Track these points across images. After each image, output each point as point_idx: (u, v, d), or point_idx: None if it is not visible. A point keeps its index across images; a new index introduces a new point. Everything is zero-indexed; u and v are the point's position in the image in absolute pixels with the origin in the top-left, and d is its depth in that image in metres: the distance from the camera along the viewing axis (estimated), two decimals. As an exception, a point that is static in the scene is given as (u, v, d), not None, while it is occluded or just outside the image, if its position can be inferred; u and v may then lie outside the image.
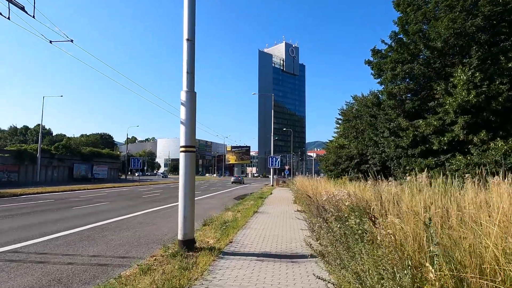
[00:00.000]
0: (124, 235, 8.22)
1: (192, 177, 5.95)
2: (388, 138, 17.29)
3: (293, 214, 11.75)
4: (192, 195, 5.92)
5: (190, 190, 5.87)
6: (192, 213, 5.88)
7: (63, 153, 45.36)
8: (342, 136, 26.30)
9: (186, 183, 5.83)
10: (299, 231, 8.02)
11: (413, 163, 16.30)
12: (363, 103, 23.35)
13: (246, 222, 9.55)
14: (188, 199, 5.82)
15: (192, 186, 5.92)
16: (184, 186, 5.83)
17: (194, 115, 6.03)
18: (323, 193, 9.51)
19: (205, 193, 26.22)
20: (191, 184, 5.90)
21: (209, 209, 14.50)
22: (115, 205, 15.80)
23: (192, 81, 6.05)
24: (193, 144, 5.99)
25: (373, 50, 20.15)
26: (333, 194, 8.27)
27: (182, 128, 5.95)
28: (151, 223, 10.39)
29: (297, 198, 16.45)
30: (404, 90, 16.34)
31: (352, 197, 6.98)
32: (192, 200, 5.89)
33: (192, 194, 5.91)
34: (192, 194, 5.92)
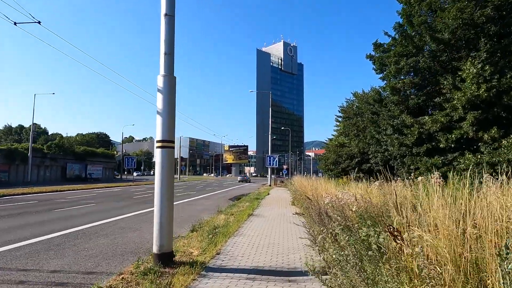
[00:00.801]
0: (100, 243, 7.26)
1: (170, 177, 4.99)
2: (392, 136, 16.38)
3: (291, 217, 10.81)
4: (170, 199, 4.96)
5: (168, 192, 4.91)
6: (170, 220, 4.92)
7: (55, 152, 44.24)
8: (342, 134, 25.38)
9: (163, 184, 4.88)
10: (297, 240, 7.07)
11: (418, 162, 15.40)
12: (364, 100, 22.43)
13: (239, 227, 8.60)
14: (165, 203, 4.86)
15: (170, 188, 4.96)
16: (160, 188, 4.87)
17: (173, 103, 5.08)
18: (324, 195, 8.58)
19: (200, 193, 25.26)
20: (169, 186, 4.94)
21: (202, 211, 13.56)
22: (101, 206, 14.81)
23: (171, 63, 5.10)
24: (171, 138, 5.04)
25: (375, 44, 19.23)
26: (336, 197, 7.34)
27: (158, 119, 5.00)
28: (134, 228, 9.42)
29: (295, 199, 15.52)
30: (408, 84, 15.42)
31: (359, 201, 6.05)
32: (170, 204, 4.93)
33: (170, 197, 4.95)
34: (170, 197, 4.96)
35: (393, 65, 16.04)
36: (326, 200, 7.21)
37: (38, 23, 8.57)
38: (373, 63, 19.57)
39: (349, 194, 7.11)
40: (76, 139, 79.28)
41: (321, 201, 9.17)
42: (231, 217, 10.50)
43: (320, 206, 6.94)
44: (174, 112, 5.12)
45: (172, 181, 5.05)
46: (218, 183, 46.20)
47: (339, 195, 7.46)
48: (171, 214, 4.95)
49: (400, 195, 6.07)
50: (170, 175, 4.98)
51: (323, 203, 7.31)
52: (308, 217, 8.01)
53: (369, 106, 21.17)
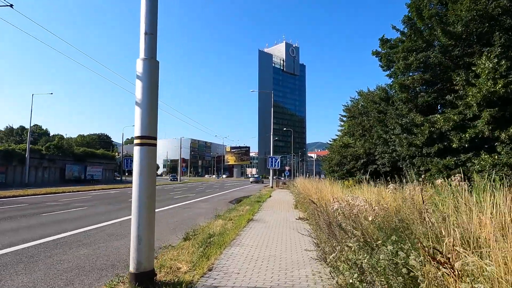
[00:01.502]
0: (79, 254, 6.44)
1: (151, 181, 4.17)
2: (400, 136, 15.50)
3: (295, 223, 9.97)
4: (151, 207, 4.14)
5: (148, 199, 4.09)
6: (150, 234, 4.09)
7: (54, 153, 43.60)
8: (347, 134, 24.47)
9: (141, 190, 4.06)
10: (303, 252, 6.22)
11: (428, 163, 14.53)
12: (369, 99, 21.55)
13: (237, 235, 7.77)
14: (144, 213, 4.04)
15: (150, 194, 4.13)
16: (138, 194, 4.05)
17: (155, 92, 4.27)
18: (332, 200, 7.74)
19: (199, 195, 24.46)
20: (149, 191, 4.12)
21: (199, 215, 12.75)
22: (94, 210, 14.02)
23: (153, 44, 4.29)
24: (153, 134, 4.22)
25: (381, 40, 18.42)
26: (347, 203, 6.50)
27: (137, 111, 4.18)
28: (123, 234, 8.61)
29: (298, 203, 14.67)
30: (418, 81, 14.55)
31: (374, 208, 5.21)
32: (150, 214, 4.10)
33: (150, 205, 4.12)
34: (151, 205, 4.14)
35: (402, 61, 15.18)
36: (335, 206, 6.39)
37: (11, 7, 7.80)
38: (379, 59, 18.75)
39: (361, 199, 6.28)
40: (77, 140, 78.68)
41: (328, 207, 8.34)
42: (229, 222, 9.67)
43: (328, 213, 6.10)
44: (157, 103, 4.31)
45: (153, 185, 4.22)
46: (220, 185, 45.39)
47: (349, 200, 6.64)
48: (152, 226, 4.12)
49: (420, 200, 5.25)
50: (151, 179, 4.16)
51: (331, 209, 6.49)
52: (314, 225, 7.18)
53: (375, 105, 20.28)
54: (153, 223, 4.17)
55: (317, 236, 6.19)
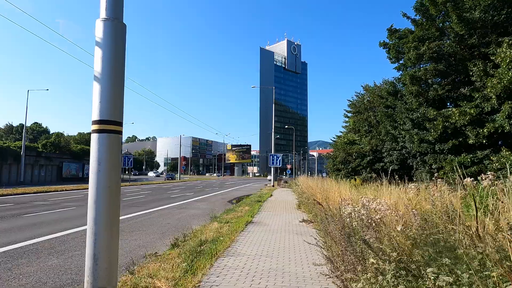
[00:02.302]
0: (47, 266, 5.47)
1: (115, 180, 3.17)
2: (411, 131, 14.48)
3: (298, 226, 8.97)
4: (114, 214, 3.13)
5: (110, 204, 3.09)
6: (111, 249, 3.09)
7: (51, 151, 42.68)
8: (352, 131, 23.41)
9: (100, 192, 3.06)
10: (310, 265, 5.23)
11: (442, 161, 13.51)
12: (376, 93, 20.51)
13: (233, 241, 6.78)
14: (104, 222, 3.04)
15: (113, 197, 3.13)
16: (95, 197, 3.06)
17: (121, 64, 3.27)
18: (341, 202, 6.75)
19: (198, 194, 23.48)
20: (112, 194, 3.12)
21: (194, 217, 11.77)
22: (82, 210, 13.06)
23: (119, 2, 3.28)
24: (117, 118, 3.22)
25: (389, 30, 17.36)
26: (362, 205, 5.51)
27: (96, 88, 3.18)
28: (105, 240, 7.63)
29: (301, 203, 13.68)
30: (431, 72, 13.49)
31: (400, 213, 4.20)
32: (112, 224, 3.10)
33: (113, 212, 3.12)
34: (114, 214, 3.13)
35: (413, 51, 14.13)
36: (348, 210, 5.40)
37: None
38: (387, 51, 17.70)
39: (381, 203, 5.28)
40: (76, 137, 77.74)
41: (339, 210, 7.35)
42: (225, 226, 8.68)
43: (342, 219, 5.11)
44: (123, 78, 3.31)
45: (117, 186, 3.22)
46: (220, 183, 44.42)
47: (364, 202, 5.64)
48: (114, 241, 3.12)
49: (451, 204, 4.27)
50: (114, 178, 3.16)
51: (343, 213, 5.49)
52: (322, 231, 6.17)
53: (382, 99, 19.25)
54: (116, 237, 3.17)
55: (327, 246, 5.19)
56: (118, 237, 3.21)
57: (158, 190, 27.25)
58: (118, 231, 3.22)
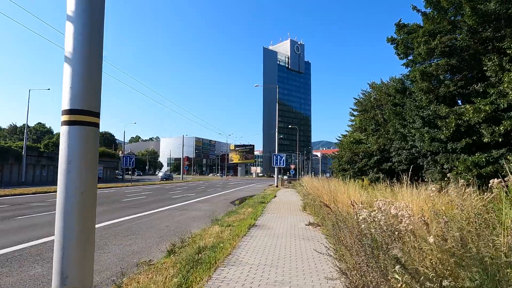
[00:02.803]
0: (28, 276, 4.97)
1: (90, 181, 2.63)
2: (421, 129, 13.83)
3: (305, 230, 8.40)
4: (88, 224, 2.59)
5: (83, 212, 2.55)
6: (85, 265, 2.55)
7: (53, 151, 42.38)
8: (358, 130, 22.77)
9: (70, 195, 2.53)
10: (321, 279, 4.66)
11: (454, 160, 12.85)
12: (383, 91, 19.88)
13: (234, 247, 6.23)
14: (75, 232, 2.50)
15: (87, 203, 2.59)
16: (64, 203, 2.52)
17: (99, 42, 2.73)
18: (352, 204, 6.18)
19: (200, 195, 22.97)
20: (86, 198, 2.58)
21: (194, 219, 11.25)
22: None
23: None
24: (93, 107, 2.68)
25: (397, 25, 16.71)
26: (378, 209, 4.95)
27: (66, 71, 2.65)
28: (98, 245, 7.11)
29: (307, 205, 13.10)
30: (443, 67, 12.85)
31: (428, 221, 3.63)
32: (86, 234, 2.56)
33: (87, 222, 2.58)
34: (88, 222, 2.59)
35: (423, 46, 13.50)
36: (363, 214, 4.82)
37: None
38: (395, 47, 17.06)
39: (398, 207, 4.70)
40: (79, 138, 77.61)
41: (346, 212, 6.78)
42: (226, 229, 8.13)
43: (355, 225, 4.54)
44: (100, 59, 2.77)
45: (93, 191, 2.68)
46: (222, 184, 43.91)
47: (380, 205, 5.06)
48: (88, 255, 2.58)
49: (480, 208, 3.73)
50: (89, 180, 2.62)
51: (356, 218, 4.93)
52: (332, 237, 5.60)
53: (389, 97, 18.61)
54: (91, 251, 2.63)
55: (339, 255, 4.63)
56: (93, 252, 2.67)
57: (160, 191, 26.78)
58: (93, 245, 2.67)
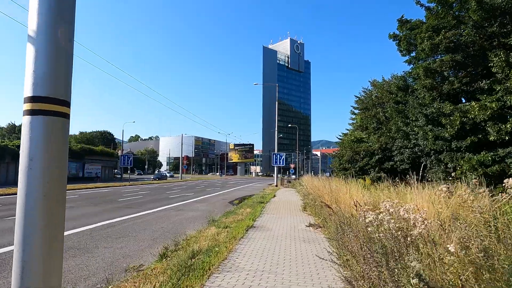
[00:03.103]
0: (6, 283, 4.59)
1: (56, 183, 2.25)
2: (424, 128, 13.48)
3: (306, 232, 8.03)
4: (56, 235, 2.21)
5: (49, 219, 2.17)
6: (51, 277, 2.17)
7: (50, 150, 41.93)
8: (359, 128, 22.38)
9: (32, 199, 2.15)
10: (322, 283, 4.28)
11: (459, 159, 12.51)
12: (384, 88, 19.50)
13: (230, 251, 5.86)
14: (39, 247, 2.12)
15: (54, 208, 2.21)
16: (25, 208, 2.14)
17: (69, 17, 2.35)
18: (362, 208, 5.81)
19: (198, 195, 22.59)
20: (53, 203, 2.20)
21: (191, 220, 10.87)
22: (71, 212, 12.18)
23: None
24: (61, 94, 2.30)
25: (400, 20, 16.35)
26: (386, 210, 4.60)
27: (30, 52, 2.26)
28: (85, 249, 6.75)
29: (307, 205, 12.74)
30: (448, 63, 12.48)
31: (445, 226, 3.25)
32: (51, 248, 2.18)
33: (54, 231, 2.20)
34: (56, 232, 2.21)
35: (427, 41, 13.13)
36: (369, 217, 4.45)
37: None
38: (397, 43, 16.70)
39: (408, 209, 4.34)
40: (77, 137, 77.20)
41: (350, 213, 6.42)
42: (223, 231, 7.76)
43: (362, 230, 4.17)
44: (71, 38, 2.39)
45: (61, 194, 2.30)
46: (222, 183, 43.54)
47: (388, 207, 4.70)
48: (55, 274, 2.20)
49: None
50: (56, 181, 2.24)
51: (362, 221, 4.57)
52: (336, 241, 5.23)
53: (391, 95, 18.24)
54: (57, 264, 2.24)
55: (343, 261, 4.26)
56: (60, 266, 2.28)
57: (157, 190, 26.40)
58: (61, 257, 2.29)
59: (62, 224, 2.32)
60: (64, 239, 2.39)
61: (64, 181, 2.35)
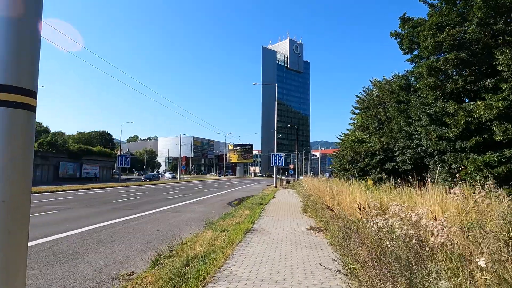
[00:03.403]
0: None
1: (15, 187, 1.88)
2: (428, 127, 13.14)
3: (307, 236, 7.68)
4: (16, 253, 1.85)
5: (7, 231, 1.81)
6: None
7: (47, 150, 41.57)
8: (360, 128, 22.04)
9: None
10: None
11: (463, 160, 12.17)
12: (386, 88, 19.18)
13: (228, 257, 5.50)
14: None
15: (12, 218, 1.85)
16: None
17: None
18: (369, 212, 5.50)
19: (196, 196, 22.24)
20: (11, 211, 1.84)
21: (187, 223, 10.52)
22: (66, 214, 11.84)
23: None
24: (24, 83, 1.93)
25: (402, 18, 16.02)
26: (394, 215, 4.32)
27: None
28: (76, 254, 6.39)
29: (307, 207, 12.39)
30: (452, 61, 12.15)
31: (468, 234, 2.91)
32: (9, 269, 1.82)
33: (13, 249, 1.83)
34: (16, 249, 1.85)
35: (430, 39, 12.81)
36: (379, 222, 4.13)
37: None
38: (399, 42, 16.38)
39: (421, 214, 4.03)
40: (75, 137, 76.71)
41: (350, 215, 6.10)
42: (220, 235, 7.41)
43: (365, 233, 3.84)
44: (37, 15, 2.03)
45: (25, 200, 1.94)
46: (220, 184, 43.18)
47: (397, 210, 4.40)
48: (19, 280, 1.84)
49: None
50: (15, 184, 1.88)
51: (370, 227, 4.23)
52: (340, 247, 4.88)
53: (392, 94, 17.92)
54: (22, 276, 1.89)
55: (349, 270, 3.91)
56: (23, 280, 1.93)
57: (155, 191, 26.02)
58: (23, 278, 1.94)
59: (25, 231, 1.96)
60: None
61: (28, 184, 1.98)
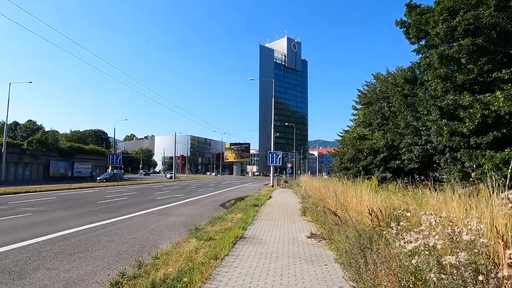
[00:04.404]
0: None
1: None
2: (439, 122, 11.98)
3: (307, 246, 6.48)
4: None
5: None
6: None
7: (37, 149, 40.13)
8: (362, 124, 20.86)
9: None
10: None
11: (479, 157, 11.01)
12: (390, 81, 18.02)
13: (207, 280, 4.30)
14: None
15: None
16: None
17: None
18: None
19: (188, 196, 21.01)
20: None
21: (171, 228, 9.30)
22: (36, 218, 10.59)
23: None
24: None
25: (408, 5, 14.91)
26: (429, 227, 3.05)
27: None
28: (27, 271, 5.16)
29: (306, 209, 11.20)
30: (467, 48, 10.98)
31: None
32: None
33: None
34: None
35: (442, 24, 11.66)
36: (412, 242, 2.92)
37: None
38: (405, 31, 15.26)
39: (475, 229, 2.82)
40: (68, 135, 75.10)
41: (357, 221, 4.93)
42: (205, 244, 6.22)
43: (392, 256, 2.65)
44: None
45: None
46: (216, 183, 41.91)
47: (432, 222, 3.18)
48: None
49: None
50: None
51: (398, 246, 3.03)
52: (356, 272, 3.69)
53: (397, 88, 16.76)
54: None
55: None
56: None
57: (145, 191, 24.74)
58: None
59: None
60: None
61: None
